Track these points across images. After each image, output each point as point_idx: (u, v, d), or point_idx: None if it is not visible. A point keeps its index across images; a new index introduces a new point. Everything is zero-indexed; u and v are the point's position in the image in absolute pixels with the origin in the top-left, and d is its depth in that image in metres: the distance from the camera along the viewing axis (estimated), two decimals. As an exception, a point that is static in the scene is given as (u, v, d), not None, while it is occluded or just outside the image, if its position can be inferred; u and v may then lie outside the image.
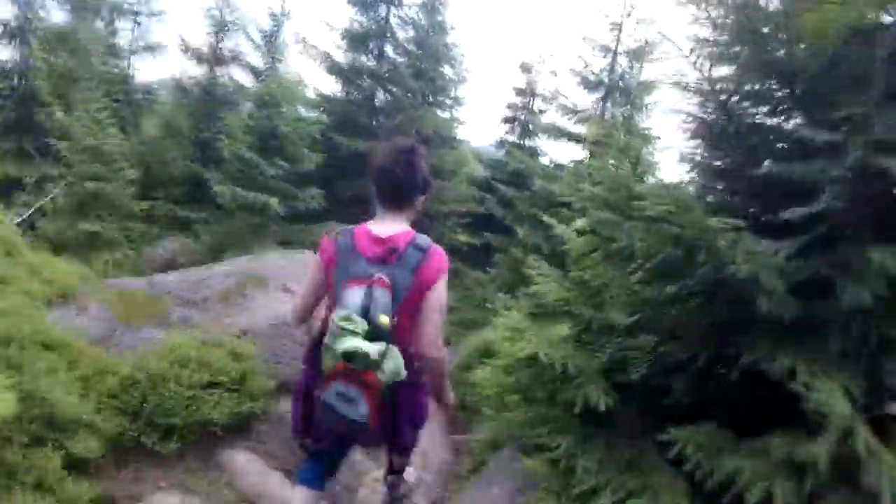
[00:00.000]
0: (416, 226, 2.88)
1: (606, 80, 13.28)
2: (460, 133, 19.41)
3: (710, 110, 3.05)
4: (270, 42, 17.44)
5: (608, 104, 13.34)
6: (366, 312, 2.51)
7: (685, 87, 3.04)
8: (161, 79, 17.04)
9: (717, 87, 3.00)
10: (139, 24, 16.60)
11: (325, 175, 13.30)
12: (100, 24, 15.69)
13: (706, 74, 2.97)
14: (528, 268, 3.88)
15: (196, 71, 15.91)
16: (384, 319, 2.49)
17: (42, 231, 9.95)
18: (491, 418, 4.34)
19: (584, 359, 3.12)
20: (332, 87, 15.99)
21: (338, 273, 2.63)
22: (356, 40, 14.69)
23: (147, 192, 13.17)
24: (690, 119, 3.13)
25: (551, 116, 14.68)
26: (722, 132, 3.04)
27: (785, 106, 2.91)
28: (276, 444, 4.73)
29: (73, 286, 5.96)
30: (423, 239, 2.70)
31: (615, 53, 13.38)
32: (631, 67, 13.40)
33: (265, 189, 10.20)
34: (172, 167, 12.12)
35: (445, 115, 17.64)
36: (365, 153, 13.02)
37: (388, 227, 2.72)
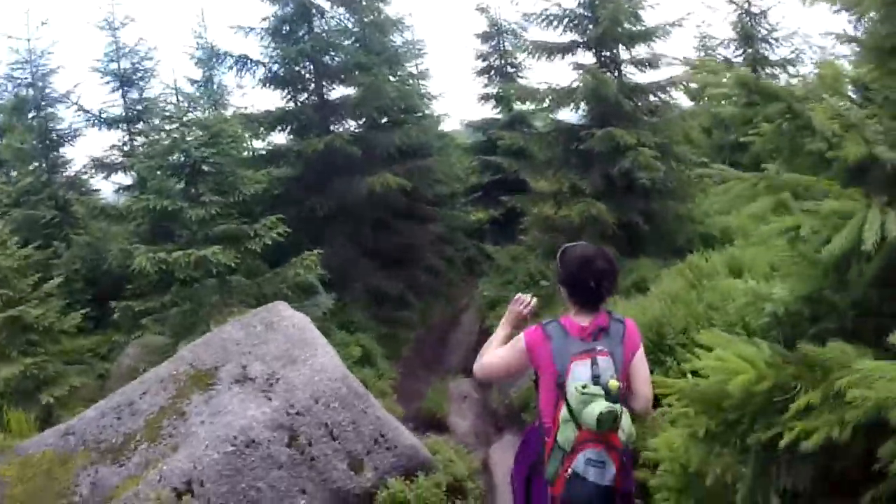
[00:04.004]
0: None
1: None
2: (437, 110, 17.01)
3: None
4: (207, 87, 14.99)
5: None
6: (596, 381, 2.72)
7: None
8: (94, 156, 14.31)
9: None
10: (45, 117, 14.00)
11: (286, 195, 10.85)
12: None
13: None
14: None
15: (112, 138, 13.53)
16: (615, 383, 2.71)
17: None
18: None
19: None
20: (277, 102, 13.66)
21: (558, 355, 2.84)
22: (281, 34, 12.11)
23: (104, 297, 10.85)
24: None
25: (536, 35, 12.04)
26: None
27: None
28: None
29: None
30: (617, 314, 3.05)
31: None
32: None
33: (198, 240, 7.66)
34: (112, 258, 9.72)
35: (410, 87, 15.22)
36: (327, 150, 10.56)
37: (588, 317, 2.96)
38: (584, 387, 2.67)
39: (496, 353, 3.13)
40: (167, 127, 8.12)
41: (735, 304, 4.28)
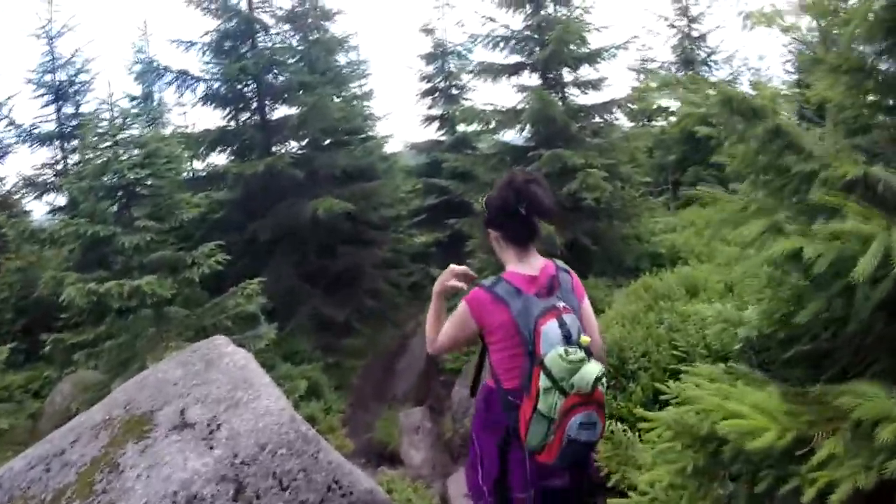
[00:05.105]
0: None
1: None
2: (381, 131, 16.82)
3: None
4: (146, 103, 14.35)
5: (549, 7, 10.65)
6: (567, 340, 2.66)
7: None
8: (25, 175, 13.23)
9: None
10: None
11: (227, 219, 10.42)
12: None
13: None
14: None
15: (44, 156, 12.86)
16: (586, 338, 2.69)
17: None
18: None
19: None
20: (217, 121, 13.19)
21: (521, 320, 2.72)
22: (223, 50, 11.68)
23: (35, 327, 10.09)
24: None
25: (482, 56, 12.05)
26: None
27: None
28: None
29: None
30: (560, 262, 3.02)
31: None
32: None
33: (133, 267, 7.19)
34: (42, 285, 9.10)
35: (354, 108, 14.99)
36: (269, 172, 10.18)
37: (533, 263, 2.90)
38: (566, 353, 2.59)
39: (446, 332, 3.02)
40: (100, 145, 7.60)
41: (710, 330, 4.15)
